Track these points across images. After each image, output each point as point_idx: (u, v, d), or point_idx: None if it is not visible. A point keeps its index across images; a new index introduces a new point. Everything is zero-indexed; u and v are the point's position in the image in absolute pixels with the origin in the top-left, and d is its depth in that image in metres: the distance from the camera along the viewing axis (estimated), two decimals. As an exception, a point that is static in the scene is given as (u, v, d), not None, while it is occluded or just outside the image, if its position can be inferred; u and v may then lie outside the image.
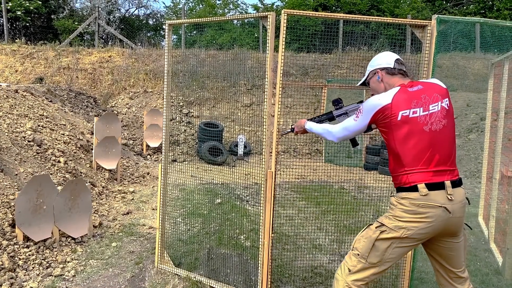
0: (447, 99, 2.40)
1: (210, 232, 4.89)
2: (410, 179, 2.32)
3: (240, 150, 10.32)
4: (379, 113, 2.38)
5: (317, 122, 2.92)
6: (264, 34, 13.58)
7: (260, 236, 3.22)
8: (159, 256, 3.89)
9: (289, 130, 3.14)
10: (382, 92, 2.49)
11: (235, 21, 20.41)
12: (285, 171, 8.28)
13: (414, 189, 2.30)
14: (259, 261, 3.24)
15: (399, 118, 2.33)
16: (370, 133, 3.54)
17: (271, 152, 3.15)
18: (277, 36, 3.06)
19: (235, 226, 5.07)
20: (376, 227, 2.43)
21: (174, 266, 3.84)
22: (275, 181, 3.14)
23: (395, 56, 2.61)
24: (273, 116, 3.13)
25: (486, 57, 11.92)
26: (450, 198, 2.27)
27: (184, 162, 9.77)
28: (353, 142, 2.82)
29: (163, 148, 3.87)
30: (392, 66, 2.55)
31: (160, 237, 3.87)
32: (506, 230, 3.87)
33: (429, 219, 2.28)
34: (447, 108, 2.38)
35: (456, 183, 2.32)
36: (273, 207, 3.16)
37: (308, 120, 2.94)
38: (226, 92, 12.39)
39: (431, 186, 2.28)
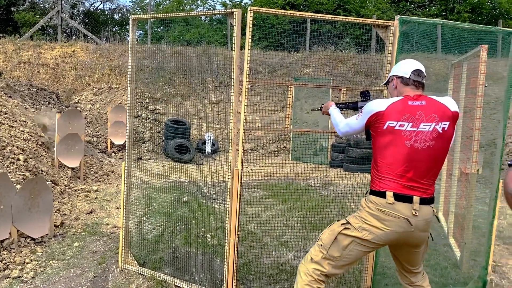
0: (447, 122, 2.36)
1: (175, 231, 4.84)
2: (381, 185, 2.40)
3: (208, 148, 10.25)
4: (373, 117, 2.44)
5: (340, 109, 2.99)
6: (232, 31, 13.55)
7: (226, 234, 3.21)
8: (123, 256, 3.81)
9: (319, 107, 3.29)
10: None
11: (203, 17, 20.25)
12: (252, 168, 8.30)
13: (383, 195, 2.38)
14: (225, 259, 3.23)
15: (385, 127, 2.40)
16: (335, 131, 3.58)
17: (237, 150, 3.14)
18: (244, 33, 3.05)
19: (201, 224, 5.03)
20: (342, 224, 2.52)
21: (138, 266, 3.78)
22: (241, 179, 3.14)
23: (415, 66, 2.58)
24: (240, 113, 3.12)
25: (447, 58, 12.33)
26: (414, 213, 2.33)
27: (150, 160, 9.62)
28: (367, 134, 2.75)
29: (127, 145, 3.79)
30: (408, 77, 2.54)
31: (124, 237, 3.79)
32: (464, 225, 4.02)
33: (390, 228, 2.36)
34: (441, 131, 2.35)
35: (426, 201, 2.37)
36: (240, 205, 3.16)
37: (335, 104, 3.02)
38: (193, 89, 12.28)
39: (398, 197, 2.35)
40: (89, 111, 11.26)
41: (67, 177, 6.79)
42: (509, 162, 1.34)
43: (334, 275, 2.56)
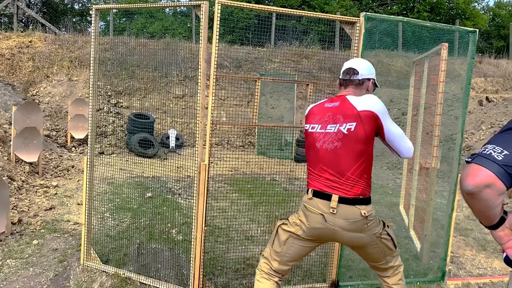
0: (354, 123, 2.31)
1: (140, 227, 4.75)
2: (308, 183, 2.52)
3: (172, 143, 10.12)
4: (305, 118, 2.59)
5: None
6: (197, 24, 13.35)
7: (193, 229, 3.18)
8: (85, 253, 3.71)
9: None
10: None
11: (167, 10, 19.91)
12: (218, 163, 8.26)
13: (307, 191, 2.50)
14: (191, 255, 3.20)
15: (305, 129, 2.56)
16: (300, 126, 3.61)
17: (204, 145, 3.10)
18: (210, 27, 3.01)
19: (166, 220, 4.96)
20: (281, 219, 2.65)
21: (101, 263, 3.68)
22: (208, 174, 3.11)
23: (347, 65, 2.56)
24: (207, 108, 3.08)
25: (408, 55, 12.69)
26: (332, 211, 2.34)
27: (113, 155, 9.39)
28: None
29: (89, 139, 3.67)
30: (340, 77, 2.55)
31: (86, 233, 3.68)
32: (424, 218, 4.15)
33: (311, 223, 2.43)
34: (346, 132, 2.33)
35: (347, 201, 2.33)
36: (206, 200, 3.13)
37: None
38: (157, 83, 12.06)
39: (317, 194, 2.41)
40: (48, 104, 10.84)
41: (24, 173, 6.52)
42: (466, 159, 1.39)
43: (282, 271, 2.60)
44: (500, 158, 1.30)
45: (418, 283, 3.70)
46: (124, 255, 3.92)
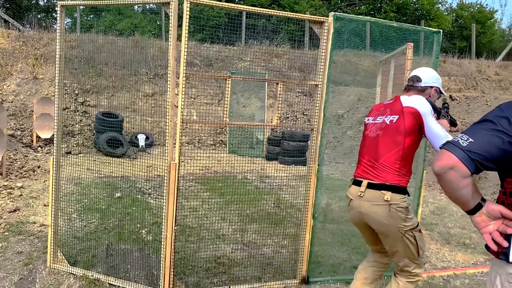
0: (396, 116, 2.63)
1: (109, 227, 4.67)
2: (355, 171, 2.86)
3: (142, 142, 9.98)
4: None
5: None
6: (166, 22, 13.19)
7: (163, 229, 3.16)
8: (51, 255, 3.62)
9: None
10: None
11: (136, 7, 19.59)
12: (189, 162, 8.20)
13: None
14: (162, 255, 3.18)
15: (364, 121, 2.97)
16: (272, 124, 3.63)
17: (174, 144, 3.09)
18: (180, 25, 3.00)
19: (136, 220, 4.90)
20: None
21: (69, 265, 3.60)
22: (179, 173, 3.09)
23: (414, 72, 2.89)
24: (177, 106, 3.07)
25: (375, 55, 12.94)
26: (360, 195, 2.65)
27: (80, 155, 9.18)
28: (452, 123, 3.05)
29: (55, 139, 3.58)
30: (407, 83, 2.90)
31: (52, 235, 3.60)
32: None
33: (348, 207, 2.82)
34: (388, 123, 2.66)
35: (374, 186, 2.61)
36: (177, 199, 3.11)
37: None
38: (126, 81, 11.85)
39: (354, 181, 2.78)
40: (12, 102, 10.49)
41: (-14, 174, 6.29)
42: (440, 146, 1.59)
43: (376, 254, 2.95)
44: (465, 145, 1.46)
45: (385, 277, 3.79)
46: (92, 256, 3.85)
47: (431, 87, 2.81)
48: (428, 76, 2.81)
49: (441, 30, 3.87)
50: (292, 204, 5.79)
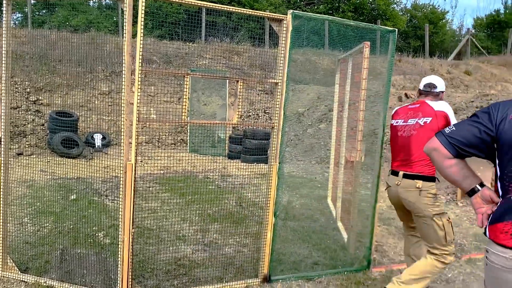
0: (430, 118, 3.13)
1: (63, 231, 4.48)
2: (391, 164, 3.42)
3: (98, 141, 9.67)
4: (391, 118, 3.51)
5: None
6: (122, 18, 12.89)
7: (120, 232, 3.05)
8: (0, 263, 3.42)
9: None
10: None
11: (91, 2, 18.98)
12: (148, 162, 8.03)
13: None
14: (119, 258, 3.07)
15: (391, 124, 3.45)
16: (233, 123, 3.60)
17: (130, 143, 2.98)
18: (136, 21, 2.89)
19: (92, 223, 4.73)
20: None
21: (19, 272, 3.41)
22: (135, 173, 2.99)
23: (429, 80, 3.39)
24: (133, 104, 2.96)
25: (334, 54, 13.16)
26: (397, 183, 3.23)
27: (32, 156, 8.79)
28: None
29: (3, 140, 3.38)
30: (421, 88, 3.39)
31: (1, 241, 3.40)
32: (350, 209, 4.33)
33: (388, 194, 3.44)
34: (422, 124, 3.15)
35: (409, 176, 3.16)
36: (134, 201, 3.01)
37: None
38: (81, 79, 11.45)
39: (392, 172, 3.35)
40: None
41: None
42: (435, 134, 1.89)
43: (408, 227, 3.53)
44: (448, 132, 1.83)
45: (345, 273, 3.85)
46: (45, 262, 3.67)
47: (442, 92, 3.38)
48: (441, 83, 3.37)
49: (396, 29, 3.96)
50: (254, 202, 5.78)
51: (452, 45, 24.84)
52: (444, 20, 27.33)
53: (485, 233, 1.79)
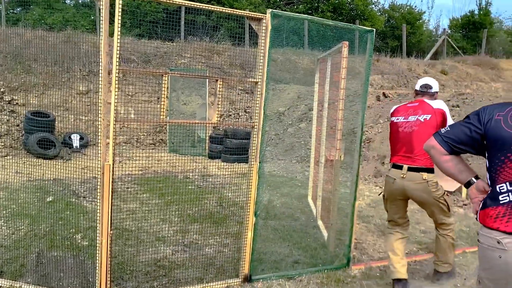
0: (429, 115, 3.44)
1: (39, 234, 4.38)
2: (391, 159, 3.69)
3: (76, 142, 9.50)
4: (390, 115, 3.77)
5: None
6: (100, 16, 12.66)
7: (98, 234, 3.00)
8: (-27, 268, 3.33)
9: None
10: None
11: (68, 0, 18.65)
12: (126, 163, 7.92)
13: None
14: (97, 261, 3.02)
15: (391, 121, 3.70)
16: (213, 122, 3.58)
17: (108, 143, 2.94)
18: (114, 20, 2.85)
19: (70, 225, 4.64)
20: (381, 193, 3.94)
21: (-7, 277, 3.33)
22: (113, 174, 2.95)
23: (425, 81, 3.74)
24: (110, 104, 2.92)
25: (313, 53, 13.23)
26: (402, 176, 3.47)
27: (7, 157, 8.57)
28: None
29: (-25, 141, 3.29)
30: (418, 88, 3.74)
31: (-26, 246, 3.30)
32: (330, 207, 4.36)
33: (387, 185, 3.64)
34: (423, 121, 3.45)
35: (414, 169, 3.43)
36: (112, 202, 2.97)
37: None
38: (58, 78, 11.21)
39: (394, 166, 3.58)
40: None
41: None
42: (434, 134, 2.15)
43: (396, 222, 3.74)
44: (443, 132, 2.10)
45: (326, 271, 3.88)
46: (21, 265, 3.59)
47: (437, 92, 3.72)
48: (435, 84, 3.72)
49: (374, 30, 4.00)
50: (235, 202, 5.76)
51: (428, 45, 25.28)
52: (421, 21, 27.78)
53: (476, 218, 2.06)
